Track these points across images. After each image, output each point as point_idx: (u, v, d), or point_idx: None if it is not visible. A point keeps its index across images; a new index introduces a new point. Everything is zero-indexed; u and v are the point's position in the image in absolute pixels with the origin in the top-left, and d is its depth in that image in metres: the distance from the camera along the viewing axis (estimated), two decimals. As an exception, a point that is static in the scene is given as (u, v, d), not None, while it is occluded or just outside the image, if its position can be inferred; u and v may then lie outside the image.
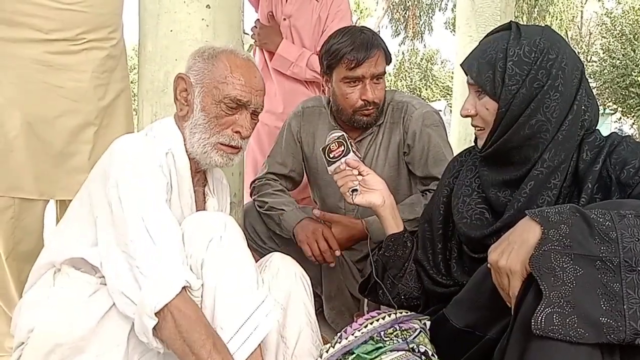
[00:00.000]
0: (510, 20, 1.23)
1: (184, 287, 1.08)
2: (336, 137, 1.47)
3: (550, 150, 1.15)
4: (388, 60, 1.78)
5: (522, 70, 1.13)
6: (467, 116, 1.25)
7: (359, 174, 1.43)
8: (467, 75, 1.23)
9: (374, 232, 1.71)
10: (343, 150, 1.44)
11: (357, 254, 1.96)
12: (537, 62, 1.13)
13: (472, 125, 1.27)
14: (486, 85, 1.17)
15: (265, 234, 1.93)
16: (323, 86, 1.88)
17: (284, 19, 2.52)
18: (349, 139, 1.47)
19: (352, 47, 1.69)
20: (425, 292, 1.40)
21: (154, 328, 1.06)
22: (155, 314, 1.05)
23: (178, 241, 1.13)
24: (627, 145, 1.13)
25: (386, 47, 1.77)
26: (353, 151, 1.44)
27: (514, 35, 1.16)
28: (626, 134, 1.38)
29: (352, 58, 1.68)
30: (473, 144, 1.32)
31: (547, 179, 1.16)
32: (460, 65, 1.26)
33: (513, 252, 0.94)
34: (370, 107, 1.75)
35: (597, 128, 1.21)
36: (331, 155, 1.46)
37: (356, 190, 1.42)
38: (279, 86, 2.55)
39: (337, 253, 1.72)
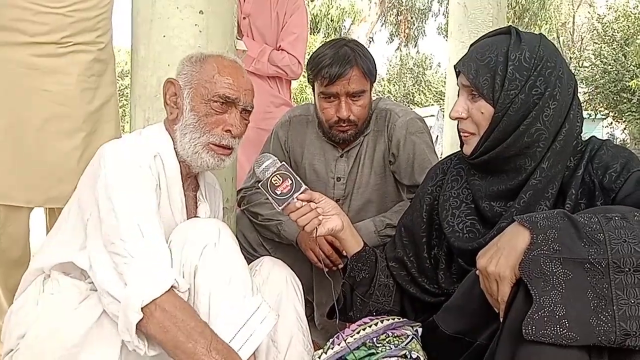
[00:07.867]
0: (510, 25, 1.22)
1: (172, 287, 1.07)
2: (275, 170, 1.29)
3: (549, 160, 1.15)
4: (369, 77, 1.72)
5: (522, 75, 1.12)
6: (457, 119, 1.22)
7: (314, 204, 1.31)
8: (459, 76, 1.20)
9: (364, 236, 1.71)
10: (291, 184, 1.27)
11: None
12: (537, 69, 1.12)
13: (459, 129, 1.24)
14: (483, 88, 1.15)
15: (255, 241, 1.92)
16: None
17: (244, 18, 2.58)
18: (287, 167, 1.30)
19: (330, 63, 1.65)
20: (399, 304, 1.39)
21: (139, 327, 1.05)
22: (142, 309, 1.04)
23: (165, 244, 1.13)
24: (608, 150, 1.15)
25: (368, 64, 1.70)
26: (300, 180, 1.28)
27: (514, 40, 1.15)
28: (606, 138, 1.40)
29: (326, 75, 1.65)
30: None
31: (545, 188, 1.16)
32: (455, 66, 1.22)
33: (502, 257, 0.94)
34: (345, 125, 1.72)
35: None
36: (278, 192, 1.27)
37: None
38: None
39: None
